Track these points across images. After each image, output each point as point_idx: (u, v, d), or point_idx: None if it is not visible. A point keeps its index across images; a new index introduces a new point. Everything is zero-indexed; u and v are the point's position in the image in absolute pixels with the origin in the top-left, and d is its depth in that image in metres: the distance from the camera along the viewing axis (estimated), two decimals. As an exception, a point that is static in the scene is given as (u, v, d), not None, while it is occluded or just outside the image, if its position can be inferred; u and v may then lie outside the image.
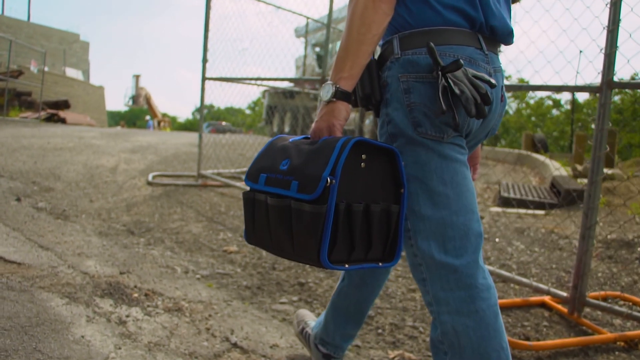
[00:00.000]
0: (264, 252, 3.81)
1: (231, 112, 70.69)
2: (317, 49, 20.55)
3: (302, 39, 22.20)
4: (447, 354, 1.41)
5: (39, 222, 4.10)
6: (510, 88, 3.21)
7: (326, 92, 1.36)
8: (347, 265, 1.31)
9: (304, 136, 1.47)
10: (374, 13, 1.34)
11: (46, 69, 20.77)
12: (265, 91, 20.16)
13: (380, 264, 1.38)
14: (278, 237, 1.35)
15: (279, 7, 6.72)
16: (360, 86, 1.45)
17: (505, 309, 3.09)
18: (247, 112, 65.91)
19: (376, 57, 1.49)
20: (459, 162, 1.40)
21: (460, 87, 1.31)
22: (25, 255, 3.19)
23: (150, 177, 6.08)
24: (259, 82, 6.21)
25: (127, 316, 2.49)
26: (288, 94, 17.38)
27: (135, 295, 2.77)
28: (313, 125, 1.41)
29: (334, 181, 1.23)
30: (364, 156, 1.32)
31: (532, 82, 11.36)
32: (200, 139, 6.38)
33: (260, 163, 1.46)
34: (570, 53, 3.19)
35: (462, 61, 1.32)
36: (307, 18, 9.14)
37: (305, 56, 17.55)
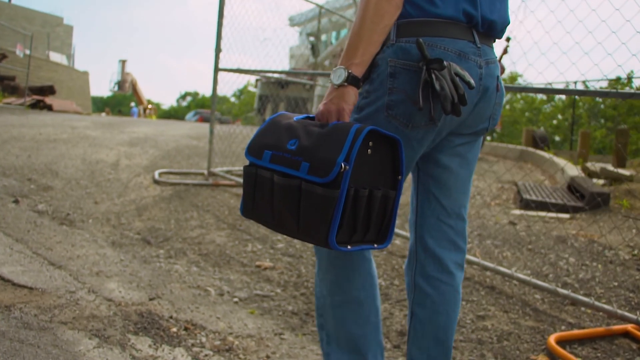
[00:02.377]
0: (302, 269, 3.39)
1: (217, 100, 69.87)
2: (311, 39, 20.09)
3: (297, 28, 21.73)
4: (321, 281, 1.69)
5: (43, 230, 3.63)
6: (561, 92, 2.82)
7: (338, 76, 1.39)
8: (349, 247, 1.34)
9: (305, 115, 1.49)
10: (388, 4, 1.39)
11: (27, 52, 20.04)
12: (257, 80, 19.63)
13: (375, 245, 1.41)
14: (282, 215, 1.36)
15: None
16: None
17: (588, 340, 2.71)
18: (232, 99, 65.17)
19: None
20: (415, 152, 1.51)
21: (442, 83, 1.35)
22: (36, 276, 2.73)
23: (156, 175, 5.60)
24: (276, 74, 5.74)
25: (173, 362, 2.06)
26: (282, 84, 16.88)
27: (174, 329, 2.33)
28: (321, 106, 1.42)
29: (347, 167, 1.26)
30: (370, 143, 1.36)
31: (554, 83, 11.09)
32: (212, 135, 5.89)
33: (263, 139, 1.45)
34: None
35: (450, 56, 1.42)
36: (320, 7, 8.68)
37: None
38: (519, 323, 2.81)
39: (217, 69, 5.66)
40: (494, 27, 1.53)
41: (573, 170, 8.31)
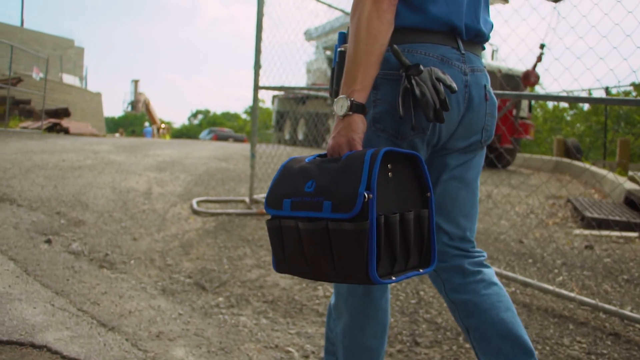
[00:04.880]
0: (392, 319, 2.89)
1: (227, 117, 69.67)
2: (328, 53, 19.70)
3: (313, 42, 21.36)
4: (335, 320, 1.66)
5: (83, 277, 3.16)
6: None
7: (340, 106, 1.34)
8: (393, 278, 1.28)
9: (317, 155, 1.43)
10: (379, 23, 1.34)
11: (42, 75, 19.79)
12: (275, 96, 19.22)
13: (420, 270, 1.36)
14: (315, 261, 1.29)
15: (330, 6, 5.77)
16: (336, 80, 1.46)
17: None
18: (243, 116, 65.02)
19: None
20: None
21: (422, 89, 1.32)
22: (87, 344, 2.25)
23: (194, 204, 5.13)
24: (320, 92, 5.27)
25: None
26: (302, 100, 16.45)
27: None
28: (330, 141, 1.37)
29: (371, 195, 1.21)
30: (389, 165, 1.31)
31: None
32: (254, 159, 5.40)
33: (279, 189, 1.39)
34: None
35: (431, 61, 1.40)
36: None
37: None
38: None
39: (257, 87, 5.18)
40: (480, 35, 1.49)
41: (628, 183, 7.80)
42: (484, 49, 1.58)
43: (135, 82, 35.85)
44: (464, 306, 1.57)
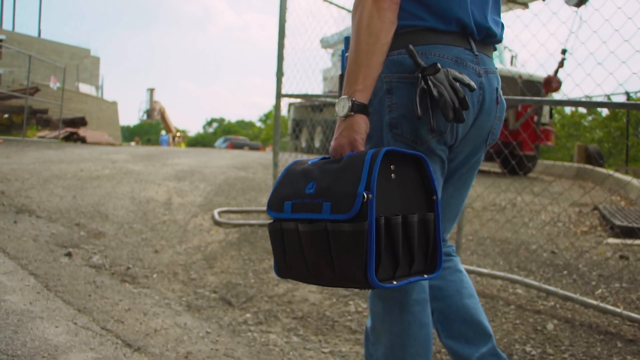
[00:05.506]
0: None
1: (242, 125, 69.77)
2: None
3: (329, 50, 21.29)
4: (374, 344, 1.52)
5: (105, 293, 3.05)
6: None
7: (342, 107, 1.32)
8: (394, 282, 1.23)
9: (321, 157, 1.38)
10: (380, 22, 1.32)
11: (59, 85, 19.84)
12: (291, 104, 19.15)
13: (425, 275, 1.31)
14: (315, 264, 1.25)
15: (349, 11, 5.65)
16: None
17: None
18: (258, 124, 65.11)
19: None
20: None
21: (440, 89, 1.29)
22: (113, 367, 2.13)
23: (216, 215, 5.01)
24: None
25: None
26: (320, 108, 16.34)
27: None
28: (332, 143, 1.34)
29: (370, 196, 1.16)
30: (392, 166, 1.27)
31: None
32: (276, 168, 5.27)
33: (281, 191, 1.36)
34: None
35: (446, 63, 1.35)
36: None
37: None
38: None
39: (279, 95, 5.05)
40: (491, 34, 1.45)
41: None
42: (495, 49, 1.55)
43: (151, 90, 35.98)
44: (430, 290, 1.62)
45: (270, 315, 2.95)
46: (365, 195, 1.16)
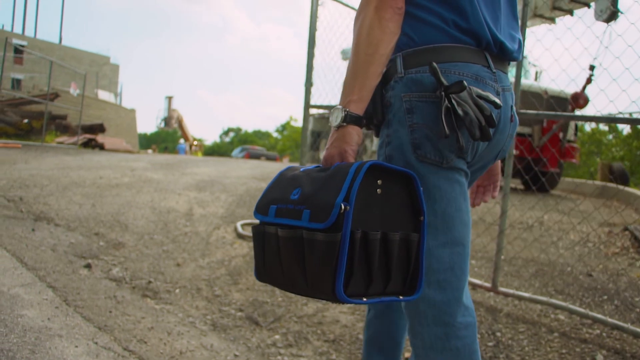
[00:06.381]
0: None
1: (259, 136, 69.86)
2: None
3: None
4: None
5: (126, 309, 2.90)
6: None
7: (335, 117, 1.30)
8: (364, 299, 1.19)
9: (315, 165, 1.36)
10: (381, 32, 1.28)
11: (79, 91, 19.89)
12: (310, 115, 19.03)
13: (400, 297, 1.26)
14: (290, 271, 1.24)
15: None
16: None
17: None
18: (275, 135, 65.16)
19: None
20: (455, 192, 1.33)
21: (464, 108, 1.25)
22: (137, 394, 1.97)
23: (239, 228, 4.85)
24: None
25: None
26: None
27: None
28: (324, 152, 1.32)
29: (348, 207, 1.14)
30: (379, 181, 1.24)
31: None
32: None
33: (270, 195, 1.36)
34: None
35: (466, 81, 1.28)
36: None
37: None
38: None
39: (307, 105, 4.90)
40: (505, 49, 1.39)
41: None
42: (509, 64, 1.50)
43: (169, 98, 36.06)
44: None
45: (300, 337, 2.79)
46: (343, 207, 1.14)
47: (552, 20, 11.32)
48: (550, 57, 3.20)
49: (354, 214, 1.17)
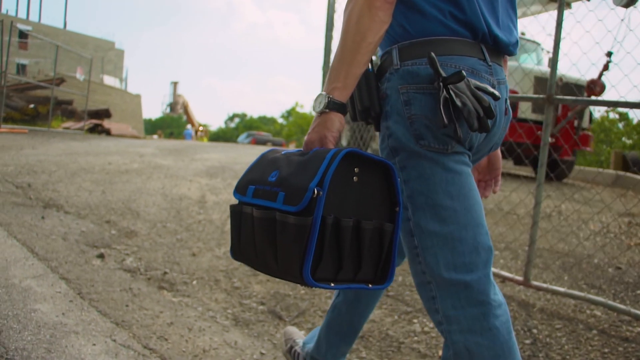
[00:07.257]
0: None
1: (264, 121, 69.64)
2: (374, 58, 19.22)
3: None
4: None
5: (143, 302, 2.76)
6: None
7: (318, 103, 1.28)
8: (332, 284, 1.20)
9: (298, 150, 1.36)
10: (370, 21, 1.26)
11: (83, 77, 19.71)
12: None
13: (370, 285, 1.26)
14: (263, 252, 1.25)
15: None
16: (359, 99, 1.39)
17: None
18: (280, 120, 64.92)
19: (375, 69, 1.39)
20: (465, 174, 1.33)
21: (462, 99, 1.24)
22: (162, 399, 1.83)
23: (254, 215, 4.70)
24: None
25: None
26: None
27: None
28: (305, 137, 1.33)
29: (321, 192, 1.15)
30: (356, 169, 1.24)
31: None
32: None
33: (249, 175, 1.38)
34: None
35: (464, 72, 1.24)
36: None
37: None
38: None
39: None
40: (501, 42, 1.37)
41: None
42: (504, 57, 1.48)
43: (175, 84, 35.86)
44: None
45: (326, 333, 2.64)
46: (316, 191, 1.15)
47: (568, 5, 11.07)
48: (567, 43, 3.05)
49: (327, 199, 1.17)
